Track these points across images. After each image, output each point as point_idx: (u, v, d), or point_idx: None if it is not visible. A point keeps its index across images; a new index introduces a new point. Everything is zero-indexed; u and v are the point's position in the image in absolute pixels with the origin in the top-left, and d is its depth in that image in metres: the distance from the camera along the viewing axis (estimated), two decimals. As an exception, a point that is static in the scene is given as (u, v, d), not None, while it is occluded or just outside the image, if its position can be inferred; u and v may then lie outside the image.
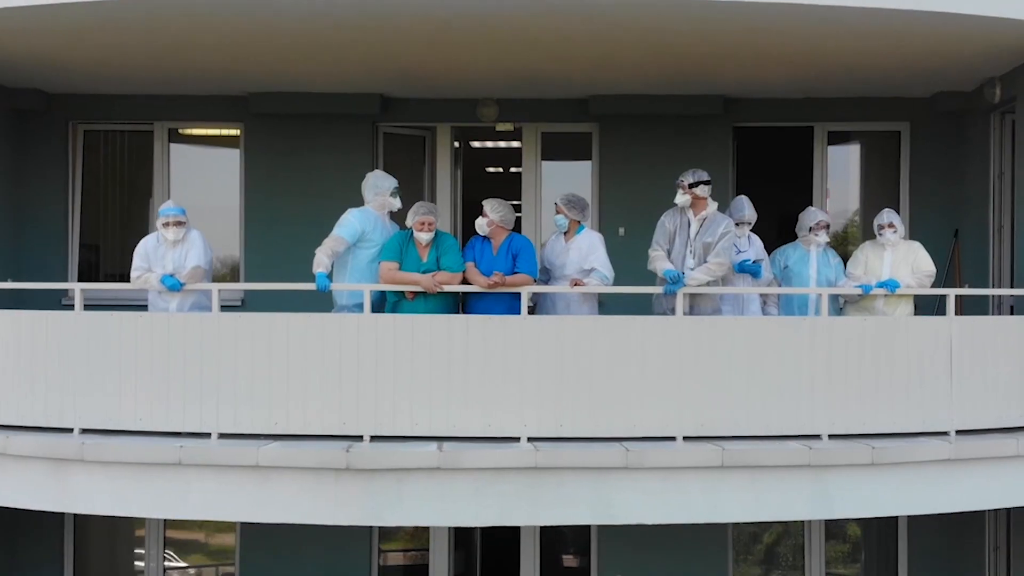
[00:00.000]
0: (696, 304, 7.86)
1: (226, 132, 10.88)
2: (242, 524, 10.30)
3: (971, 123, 10.20)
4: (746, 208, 8.51)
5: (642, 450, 7.11)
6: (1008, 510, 9.41)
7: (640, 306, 8.24)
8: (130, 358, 7.37)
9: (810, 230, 8.56)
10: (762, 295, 8.43)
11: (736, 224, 8.27)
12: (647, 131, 10.54)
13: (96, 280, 10.60)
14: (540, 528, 10.53)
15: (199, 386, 7.29)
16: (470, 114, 10.65)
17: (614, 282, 7.95)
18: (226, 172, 10.79)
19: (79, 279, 10.59)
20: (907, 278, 8.17)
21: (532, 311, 7.77)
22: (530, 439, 7.24)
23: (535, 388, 7.29)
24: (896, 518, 10.37)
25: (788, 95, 10.45)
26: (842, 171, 11.13)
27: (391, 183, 8.10)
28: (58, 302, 10.01)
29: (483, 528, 10.76)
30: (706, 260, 7.78)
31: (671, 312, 7.71)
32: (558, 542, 11.06)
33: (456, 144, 11.17)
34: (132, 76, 9.82)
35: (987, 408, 7.75)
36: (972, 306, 9.81)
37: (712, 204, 7.99)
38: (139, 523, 10.55)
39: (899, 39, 8.36)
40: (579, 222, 8.05)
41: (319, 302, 8.02)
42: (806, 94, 10.40)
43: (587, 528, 10.52)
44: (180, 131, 10.86)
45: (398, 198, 8.13)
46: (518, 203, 10.26)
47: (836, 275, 8.49)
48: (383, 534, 10.63)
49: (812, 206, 9.98)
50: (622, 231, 10.15)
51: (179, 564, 10.75)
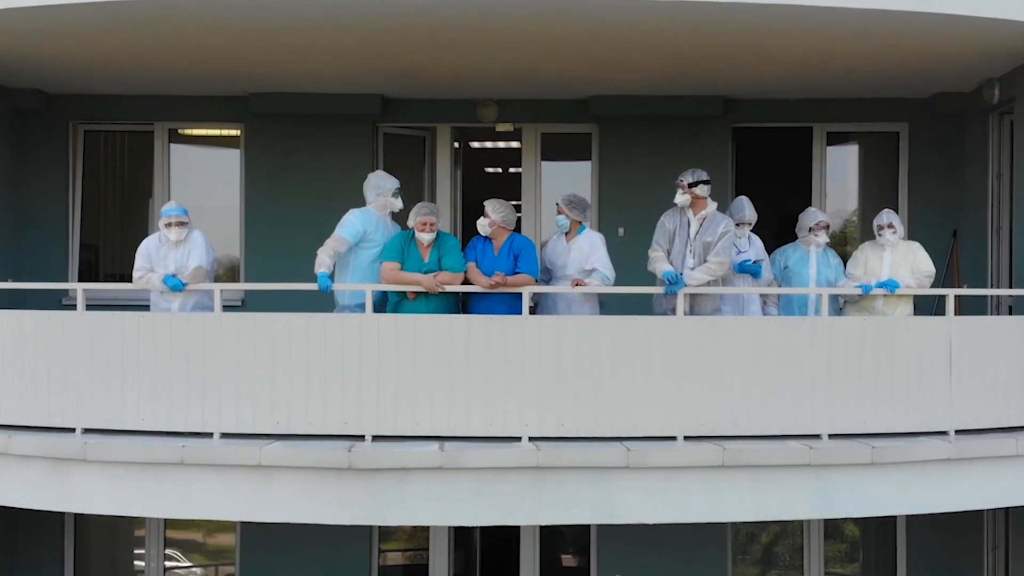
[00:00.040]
0: (696, 304, 7.87)
1: (226, 132, 10.88)
2: (242, 524, 10.30)
3: (970, 124, 10.22)
4: (746, 209, 8.52)
5: (643, 450, 7.13)
6: (1006, 509, 9.44)
7: (641, 306, 8.23)
8: (132, 358, 7.37)
9: (810, 230, 8.56)
10: (762, 295, 8.45)
11: (736, 224, 8.29)
12: (647, 131, 10.55)
13: (96, 280, 10.59)
14: (540, 528, 10.54)
15: (201, 386, 7.30)
16: (470, 114, 10.66)
17: (615, 282, 7.95)
18: (226, 172, 10.79)
19: (79, 279, 10.58)
20: (907, 278, 8.18)
21: (533, 311, 7.78)
22: (531, 439, 7.25)
23: (536, 388, 7.30)
24: (895, 517, 10.40)
25: (787, 96, 10.46)
26: (841, 171, 11.14)
27: (393, 183, 8.12)
28: (58, 302, 10.03)
29: (483, 528, 10.76)
30: (706, 259, 7.79)
31: (671, 312, 7.73)
32: (558, 542, 11.07)
33: (456, 144, 11.17)
34: (132, 76, 9.82)
35: (986, 408, 7.76)
36: (970, 306, 9.83)
37: (711, 204, 8.01)
38: (139, 523, 10.55)
39: (898, 40, 8.37)
40: (580, 222, 8.06)
41: (319, 302, 8.02)
42: (805, 95, 10.41)
43: (586, 528, 10.52)
44: (180, 131, 10.86)
45: (400, 198, 8.15)
46: (518, 203, 10.27)
47: (836, 275, 8.50)
48: (383, 534, 10.63)
49: (811, 207, 10.04)
50: (621, 231, 10.15)
51: (186, 564, 10.75)
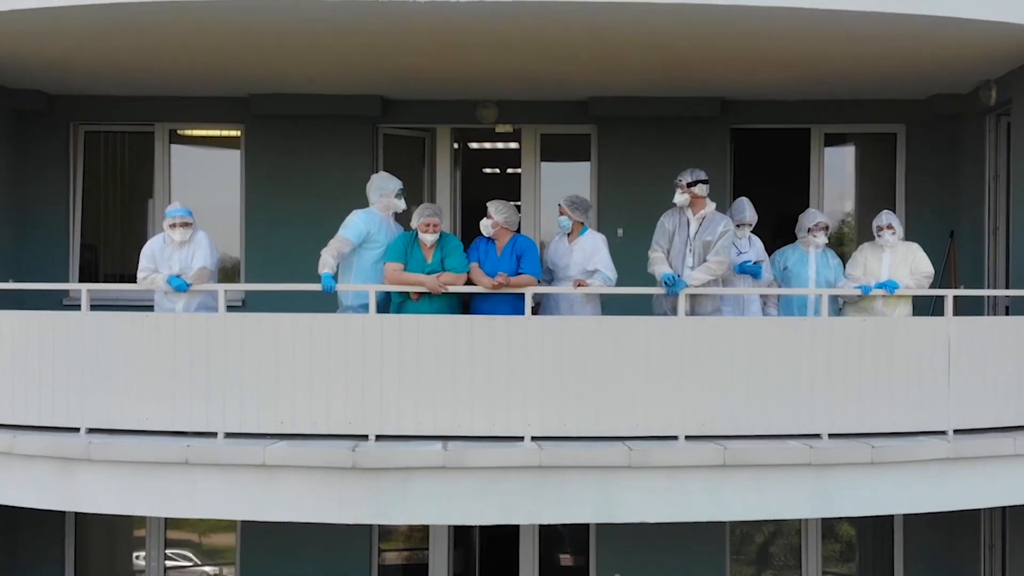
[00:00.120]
0: (696, 304, 7.91)
1: (226, 133, 10.89)
2: (242, 524, 10.32)
3: (966, 125, 10.26)
4: (747, 210, 8.55)
5: (645, 449, 7.16)
6: (1004, 508, 9.49)
7: (641, 306, 8.27)
8: (136, 358, 7.40)
9: (809, 231, 8.59)
10: (762, 296, 8.49)
11: (737, 225, 8.34)
12: (645, 133, 10.58)
13: (96, 280, 10.61)
14: (539, 527, 10.57)
15: (205, 386, 7.32)
16: (470, 116, 10.68)
17: (616, 283, 7.98)
18: (227, 173, 10.80)
19: (79, 279, 10.59)
20: (906, 279, 8.23)
21: (536, 311, 7.81)
22: (534, 438, 7.28)
23: (539, 388, 7.33)
24: (892, 517, 10.45)
25: (785, 97, 10.49)
26: (839, 172, 11.19)
27: (396, 185, 8.15)
28: (59, 302, 10.03)
29: (482, 527, 10.81)
30: (705, 259, 7.83)
31: (671, 313, 7.77)
32: (557, 541, 11.09)
33: (455, 145, 11.19)
34: (133, 77, 9.82)
35: (985, 408, 7.81)
36: (967, 306, 9.87)
37: (710, 204, 8.05)
38: (139, 523, 10.57)
39: (896, 42, 8.40)
40: (582, 223, 8.09)
41: (318, 302, 8.04)
42: (803, 96, 10.44)
43: (586, 527, 10.56)
44: (181, 132, 10.86)
45: (403, 199, 8.19)
46: (517, 204, 10.30)
47: (835, 276, 8.53)
48: (383, 533, 10.66)
49: (809, 207, 10.08)
50: (621, 232, 10.16)
51: (198, 565, 10.76)
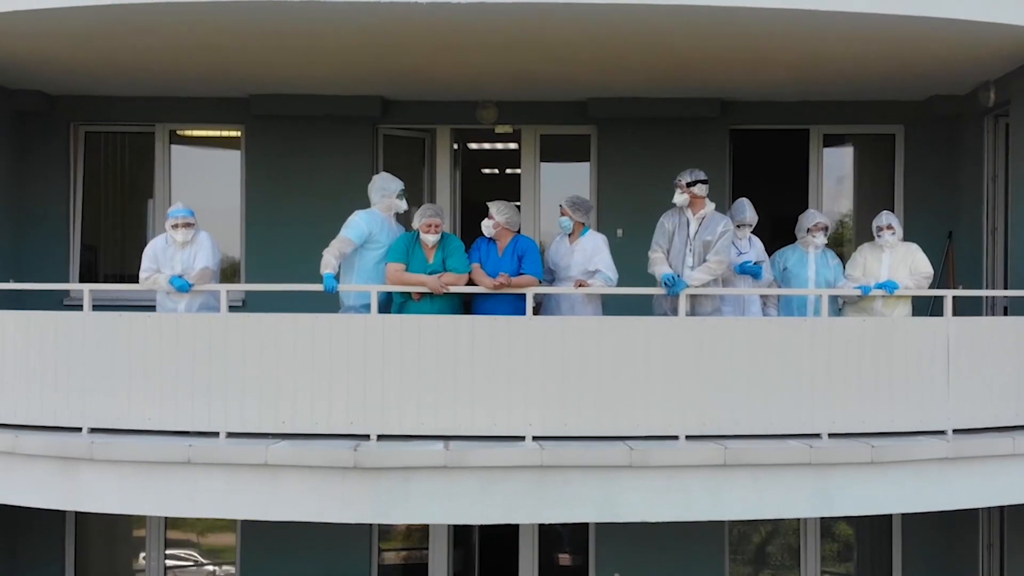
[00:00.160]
0: (697, 305, 7.93)
1: (227, 133, 10.90)
2: (243, 523, 10.33)
3: (965, 126, 10.29)
4: (747, 210, 8.57)
5: (646, 449, 7.19)
6: (1002, 508, 9.52)
7: (641, 307, 8.29)
8: (139, 358, 7.41)
9: (808, 232, 8.60)
10: (762, 296, 8.51)
11: (737, 226, 8.37)
12: (645, 133, 10.60)
13: (95, 280, 10.61)
14: (539, 527, 10.60)
15: (207, 386, 7.34)
16: (469, 116, 10.70)
17: (617, 283, 8.02)
18: (227, 173, 10.80)
19: (79, 280, 10.60)
20: (905, 279, 8.26)
21: (537, 312, 7.82)
22: (535, 438, 7.30)
23: (540, 388, 7.35)
24: (890, 516, 10.47)
25: (784, 98, 10.52)
26: (837, 173, 11.22)
27: (398, 185, 8.17)
28: (59, 303, 10.04)
29: (482, 527, 10.82)
30: (705, 259, 7.85)
31: (671, 313, 7.80)
32: (556, 541, 11.10)
33: (455, 146, 11.21)
34: (134, 78, 9.83)
35: (984, 407, 7.83)
36: (965, 307, 9.90)
37: (710, 204, 8.07)
38: (139, 523, 10.58)
39: (895, 44, 8.43)
40: (583, 224, 8.12)
41: (318, 303, 8.03)
42: (802, 97, 10.46)
43: (585, 527, 10.58)
44: (181, 132, 10.87)
45: (404, 200, 8.21)
46: (517, 204, 10.32)
47: (835, 276, 8.54)
48: (382, 533, 10.67)
49: (808, 208, 10.12)
50: (620, 232, 10.18)
51: (202, 564, 10.77)
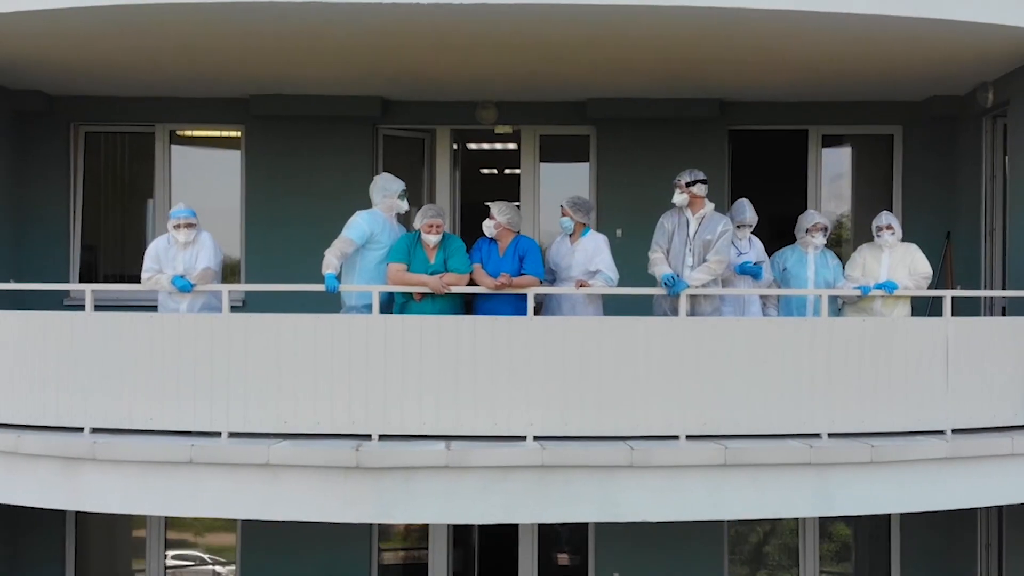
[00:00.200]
0: (697, 305, 7.95)
1: (227, 134, 10.91)
2: (243, 523, 10.35)
3: (963, 127, 10.32)
4: (747, 211, 8.59)
5: (647, 449, 7.20)
6: (1000, 508, 9.54)
7: (641, 307, 8.31)
8: (141, 358, 7.42)
9: (807, 232, 8.61)
10: (762, 297, 8.52)
11: (737, 226, 8.40)
12: (644, 134, 10.62)
13: (95, 281, 10.61)
14: (538, 527, 10.62)
15: (209, 386, 7.35)
16: (469, 117, 10.71)
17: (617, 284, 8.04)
18: (227, 174, 10.81)
19: (80, 280, 10.60)
20: (904, 280, 8.28)
21: (538, 312, 7.84)
22: (536, 438, 7.32)
23: (541, 388, 7.37)
24: (889, 516, 10.51)
25: (783, 99, 10.55)
26: (836, 174, 11.24)
27: (399, 186, 8.19)
28: (59, 303, 10.04)
29: (481, 527, 10.84)
30: (705, 258, 7.88)
31: (671, 313, 7.83)
32: (555, 541, 11.13)
33: (455, 146, 11.23)
34: (134, 78, 9.84)
35: (983, 407, 7.86)
36: (963, 307, 9.92)
37: (709, 203, 8.10)
38: (139, 523, 10.60)
39: (894, 45, 8.46)
40: (584, 224, 8.15)
41: (318, 303, 8.04)
42: (800, 98, 10.49)
43: (584, 527, 10.60)
44: (181, 133, 10.88)
45: (406, 200, 8.23)
46: (516, 204, 10.33)
47: (835, 277, 8.55)
48: (382, 533, 10.69)
49: (806, 208, 10.14)
50: (619, 233, 10.20)
51: (209, 563, 10.77)
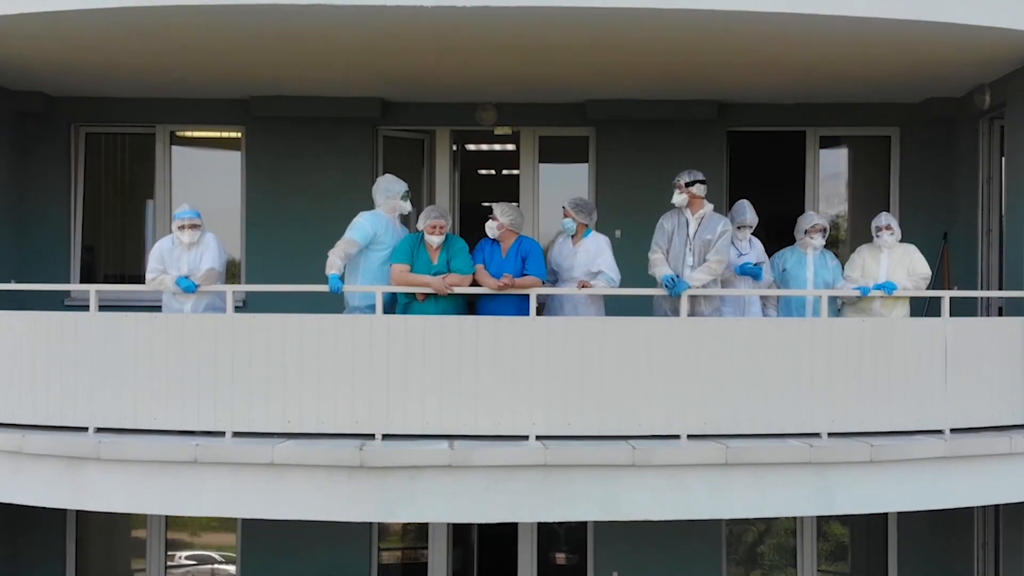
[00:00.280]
0: (697, 305, 7.99)
1: (227, 134, 10.92)
2: (243, 523, 10.37)
3: (960, 128, 10.37)
4: (747, 212, 8.62)
5: (649, 448, 7.25)
6: (997, 507, 9.59)
7: (641, 307, 8.35)
8: (145, 358, 7.45)
9: (806, 233, 8.64)
10: (762, 297, 8.56)
11: (738, 227, 8.45)
12: (643, 135, 10.66)
13: (94, 281, 10.58)
14: (538, 526, 10.66)
15: (213, 386, 7.38)
16: (469, 118, 10.73)
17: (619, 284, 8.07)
18: (227, 174, 10.82)
19: (80, 281, 10.61)
20: (903, 280, 8.33)
21: (540, 312, 7.86)
22: (539, 438, 7.36)
23: (543, 387, 7.41)
24: (886, 515, 10.56)
25: (781, 100, 10.59)
26: (833, 174, 11.29)
27: (402, 187, 8.22)
28: (60, 303, 10.07)
29: (481, 526, 10.87)
30: (705, 258, 7.93)
31: (672, 313, 7.88)
32: (555, 541, 11.16)
33: (454, 147, 11.26)
34: (134, 79, 9.85)
35: (981, 407, 7.92)
36: (960, 307, 9.95)
37: (708, 204, 8.14)
38: (139, 523, 10.62)
39: (893, 47, 8.50)
40: (586, 225, 8.19)
41: (319, 303, 8.07)
42: (799, 99, 10.53)
43: (583, 526, 10.64)
44: (182, 134, 10.89)
45: (408, 201, 8.26)
46: (515, 204, 10.36)
47: (834, 277, 8.58)
48: (382, 532, 10.72)
49: (804, 209, 10.19)
50: (618, 233, 10.21)
51: (223, 565, 10.79)
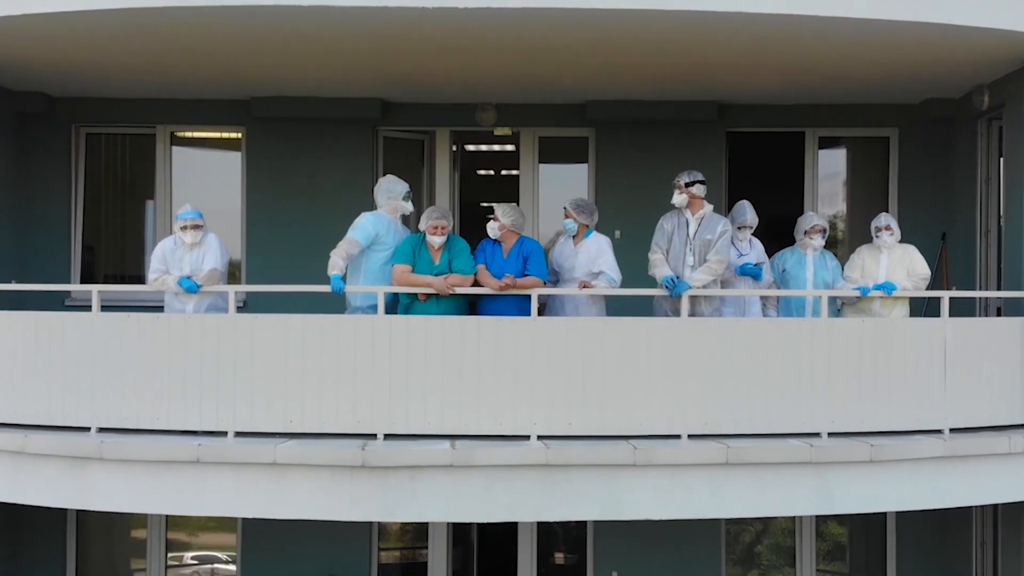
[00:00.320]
0: (697, 305, 8.02)
1: (227, 135, 10.93)
2: (243, 523, 10.39)
3: (959, 129, 10.40)
4: (748, 212, 8.64)
5: (649, 448, 7.28)
6: (995, 506, 9.61)
7: (642, 307, 8.37)
8: (147, 359, 7.47)
9: (805, 234, 8.66)
10: (763, 297, 8.57)
11: (738, 228, 8.48)
12: (642, 135, 10.68)
13: (93, 281, 10.59)
14: (537, 526, 10.68)
15: (215, 386, 7.41)
16: (469, 118, 10.75)
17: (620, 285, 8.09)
18: (228, 175, 10.83)
19: (80, 281, 10.61)
20: (903, 281, 8.36)
21: (541, 313, 7.89)
22: (540, 437, 7.39)
23: (545, 388, 7.44)
24: (885, 515, 10.59)
25: (780, 101, 10.61)
26: (832, 175, 11.32)
27: (403, 188, 8.24)
28: (61, 303, 10.08)
29: (480, 526, 10.89)
30: (706, 258, 7.95)
31: (672, 313, 7.90)
32: (554, 540, 11.18)
33: (454, 148, 11.28)
34: (135, 80, 9.86)
35: (980, 407, 7.96)
36: (958, 307, 9.97)
37: (708, 204, 8.17)
38: (139, 523, 10.63)
39: (892, 48, 8.52)
40: (587, 226, 8.22)
41: (319, 303, 8.09)
42: (798, 100, 10.54)
43: (583, 526, 10.67)
44: (182, 134, 10.89)
45: (410, 202, 8.28)
46: (516, 205, 10.36)
47: (834, 278, 8.60)
48: (381, 531, 10.74)
49: (803, 209, 10.21)
50: (618, 234, 10.21)
51: (227, 565, 10.81)
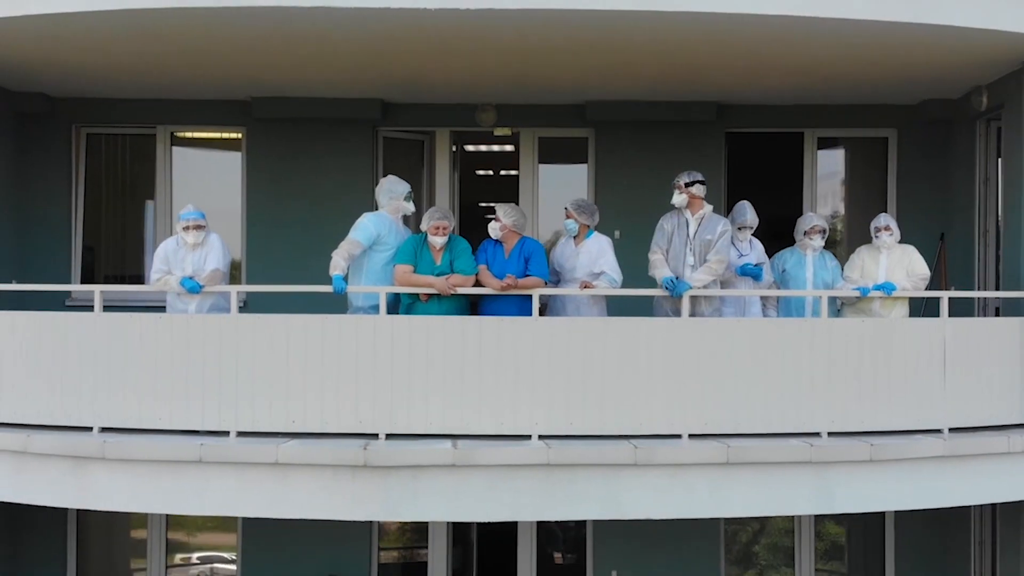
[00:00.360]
0: (698, 306, 8.04)
1: (227, 135, 10.94)
2: (244, 522, 10.41)
3: (957, 130, 10.42)
4: (748, 213, 8.65)
5: (650, 448, 7.30)
6: (994, 505, 9.64)
7: (642, 307, 8.39)
8: (150, 358, 7.49)
9: (805, 234, 8.68)
10: (763, 298, 8.59)
11: (738, 228, 8.50)
12: (642, 136, 10.70)
13: (93, 281, 10.60)
14: (537, 526, 10.71)
15: (218, 386, 7.42)
16: (469, 119, 10.77)
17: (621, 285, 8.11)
18: (228, 175, 10.84)
19: (81, 281, 10.62)
20: (903, 281, 8.38)
21: (543, 313, 7.92)
22: (541, 437, 7.41)
23: (546, 387, 7.46)
24: (883, 515, 10.62)
25: (779, 102, 10.63)
26: (831, 175, 11.35)
27: (405, 188, 8.26)
28: (62, 304, 10.09)
29: (480, 525, 10.91)
30: (706, 258, 7.98)
31: (672, 314, 7.92)
32: (554, 540, 11.21)
33: (454, 148, 11.30)
34: (135, 80, 9.87)
35: (979, 407, 7.98)
36: (957, 308, 10.00)
37: (707, 204, 8.19)
38: (139, 523, 10.64)
39: (891, 49, 8.55)
40: (588, 226, 8.24)
41: (320, 304, 8.11)
42: (797, 101, 10.57)
43: (583, 525, 10.69)
44: (182, 134, 10.90)
45: (411, 202, 8.30)
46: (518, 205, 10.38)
47: (833, 278, 8.61)
48: (382, 532, 10.76)
49: (802, 210, 10.23)
50: (617, 234, 10.20)
51: (230, 565, 10.82)
